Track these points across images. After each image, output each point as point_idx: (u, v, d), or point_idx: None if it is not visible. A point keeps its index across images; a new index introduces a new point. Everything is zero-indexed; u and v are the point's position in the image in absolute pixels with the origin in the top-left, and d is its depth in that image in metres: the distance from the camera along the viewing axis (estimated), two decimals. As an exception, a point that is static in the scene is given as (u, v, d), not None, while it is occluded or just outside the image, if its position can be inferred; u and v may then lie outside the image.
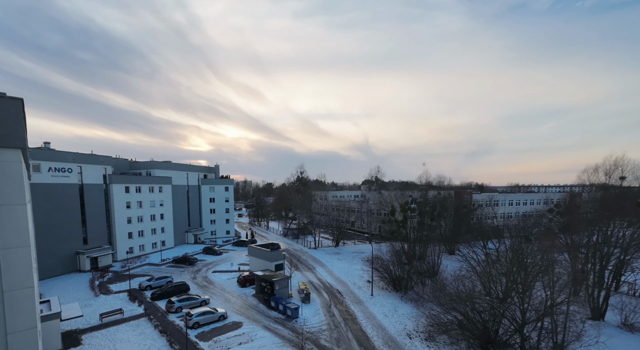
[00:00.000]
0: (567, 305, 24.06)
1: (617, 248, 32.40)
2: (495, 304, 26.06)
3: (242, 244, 69.33)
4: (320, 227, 72.32)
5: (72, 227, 48.30)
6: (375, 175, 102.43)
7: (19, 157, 13.74)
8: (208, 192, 79.25)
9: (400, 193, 63.26)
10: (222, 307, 34.14)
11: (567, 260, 34.81)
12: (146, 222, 60.60)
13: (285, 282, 37.07)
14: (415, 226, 53.03)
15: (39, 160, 43.78)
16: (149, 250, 60.99)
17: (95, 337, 27.84)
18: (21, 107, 13.42)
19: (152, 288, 40.53)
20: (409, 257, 47.12)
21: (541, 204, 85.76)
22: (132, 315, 32.34)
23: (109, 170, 54.35)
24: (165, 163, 69.70)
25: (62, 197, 46.84)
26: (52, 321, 24.64)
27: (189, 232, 73.18)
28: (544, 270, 24.82)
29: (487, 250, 40.77)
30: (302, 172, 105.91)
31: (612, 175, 36.48)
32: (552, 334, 23.55)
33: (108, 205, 53.96)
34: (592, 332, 25.57)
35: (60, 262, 46.70)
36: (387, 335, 28.58)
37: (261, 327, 29.82)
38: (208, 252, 61.42)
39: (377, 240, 70.39)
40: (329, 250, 64.15)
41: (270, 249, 44.71)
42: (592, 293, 31.35)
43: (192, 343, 26.70)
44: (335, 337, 28.07)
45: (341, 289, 40.93)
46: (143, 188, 60.02)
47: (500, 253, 37.47)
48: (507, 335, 24.96)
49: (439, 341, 27.26)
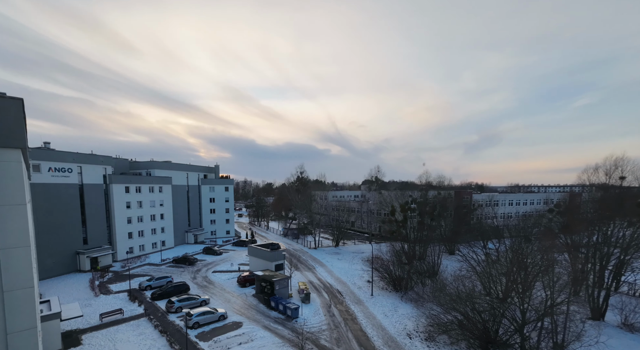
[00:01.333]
0: (567, 305, 24.05)
1: (617, 248, 32.38)
2: (495, 304, 26.06)
3: (242, 244, 69.30)
4: (320, 227, 72.30)
5: (72, 227, 48.29)
6: (375, 175, 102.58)
7: (19, 157, 13.73)
8: (208, 192, 79.25)
9: (400, 193, 63.26)
10: (222, 307, 34.14)
11: (567, 260, 34.84)
12: (146, 222, 60.59)
13: (285, 282, 37.06)
14: (415, 226, 53.00)
15: (39, 160, 43.77)
16: (149, 250, 60.99)
17: (96, 337, 27.83)
18: (21, 107, 13.41)
19: (152, 288, 40.52)
20: (409, 257, 47.12)
21: (541, 204, 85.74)
22: (132, 315, 32.33)
23: (109, 170, 54.33)
24: (165, 163, 69.71)
25: (62, 197, 46.83)
26: (52, 321, 24.62)
27: (189, 232, 73.16)
28: (544, 270, 24.82)
29: (487, 250, 40.77)
30: (302, 172, 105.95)
31: (612, 175, 36.43)
32: (552, 334, 23.54)
33: (108, 205, 53.95)
34: (592, 332, 25.57)
35: (60, 262, 46.69)
36: (387, 335, 28.57)
37: (261, 327, 29.81)
38: (208, 252, 61.39)
39: (377, 240, 70.40)
40: (329, 250, 64.13)
41: (270, 249, 44.70)
42: (592, 293, 31.33)
43: (192, 343, 26.69)
44: (335, 337, 28.06)
45: (341, 289, 40.92)
46: (143, 188, 60.02)
47: (500, 253, 37.49)
48: (507, 335, 24.94)
49: (439, 341, 27.25)
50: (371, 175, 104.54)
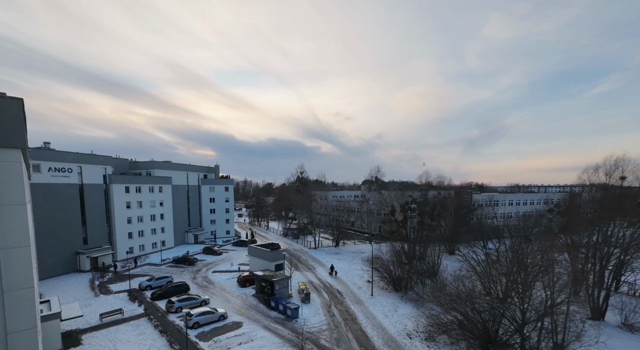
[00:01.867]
0: (567, 305, 24.03)
1: (617, 248, 32.38)
2: (495, 304, 26.07)
3: (242, 244, 69.27)
4: (320, 227, 72.29)
5: (72, 227, 48.28)
6: (375, 176, 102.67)
7: (19, 157, 13.72)
8: (208, 192, 79.25)
9: (400, 193, 63.27)
10: (222, 307, 34.13)
11: (567, 260, 34.82)
12: (146, 222, 60.58)
13: (285, 282, 37.06)
14: (415, 226, 53.00)
15: (39, 160, 43.76)
16: (149, 250, 60.97)
17: (96, 337, 27.83)
18: (21, 107, 13.39)
19: (152, 288, 40.51)
20: (409, 257, 47.13)
21: (541, 204, 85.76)
22: (132, 315, 32.32)
23: (109, 170, 54.33)
24: (165, 163, 69.74)
25: (62, 197, 46.82)
26: (52, 321, 24.61)
27: (189, 232, 73.16)
28: (544, 270, 24.79)
29: (487, 250, 40.73)
30: (302, 172, 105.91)
31: (613, 175, 36.40)
32: (552, 334, 23.52)
33: (108, 205, 53.95)
34: (592, 332, 25.55)
35: (60, 262, 46.68)
36: (387, 335, 28.57)
37: (261, 327, 29.80)
38: (208, 252, 61.38)
39: (377, 240, 70.40)
40: (329, 250, 64.12)
41: (270, 249, 44.69)
42: (592, 293, 31.33)
43: (192, 343, 26.69)
44: (335, 337, 28.06)
45: (341, 289, 40.91)
46: (143, 188, 60.01)
47: (500, 253, 37.47)
48: (507, 335, 24.94)
49: (439, 341, 27.25)
50: (371, 175, 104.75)
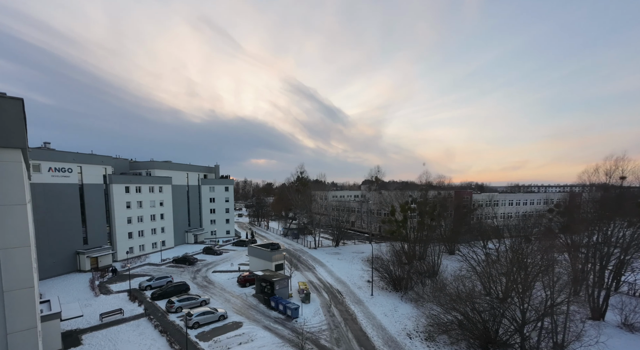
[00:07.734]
0: (567, 305, 24.04)
1: (617, 248, 32.37)
2: (495, 304, 26.06)
3: (242, 244, 69.30)
4: (320, 227, 72.28)
5: (72, 227, 48.27)
6: (375, 176, 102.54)
7: (19, 157, 13.73)
8: (208, 192, 79.25)
9: (400, 193, 63.24)
10: (222, 307, 34.14)
11: (567, 260, 34.82)
12: (146, 222, 60.59)
13: (285, 282, 37.06)
14: (415, 226, 53.00)
15: (39, 160, 43.75)
16: (149, 250, 60.98)
17: (96, 337, 27.82)
18: (21, 107, 13.40)
19: (152, 288, 40.52)
20: (409, 257, 47.14)
21: (541, 204, 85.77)
22: (132, 315, 32.32)
23: (109, 170, 54.33)
24: (165, 163, 69.72)
25: (62, 197, 46.82)
26: (52, 321, 24.62)
27: (189, 232, 73.17)
28: (544, 270, 24.78)
29: (487, 250, 40.72)
30: (302, 172, 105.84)
31: (613, 175, 36.39)
32: (552, 334, 23.53)
33: (108, 205, 53.95)
34: (592, 332, 25.54)
35: (60, 262, 46.69)
36: (387, 335, 28.57)
37: (261, 327, 29.80)
38: (208, 252, 61.38)
39: (377, 240, 70.40)
40: (329, 250, 64.12)
41: (270, 249, 44.69)
42: (592, 293, 31.32)
43: (192, 343, 26.69)
44: (335, 337, 28.06)
45: (341, 289, 40.91)
46: (143, 188, 60.02)
47: (500, 253, 37.42)
48: (507, 335, 24.93)
49: (439, 341, 27.24)
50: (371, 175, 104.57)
